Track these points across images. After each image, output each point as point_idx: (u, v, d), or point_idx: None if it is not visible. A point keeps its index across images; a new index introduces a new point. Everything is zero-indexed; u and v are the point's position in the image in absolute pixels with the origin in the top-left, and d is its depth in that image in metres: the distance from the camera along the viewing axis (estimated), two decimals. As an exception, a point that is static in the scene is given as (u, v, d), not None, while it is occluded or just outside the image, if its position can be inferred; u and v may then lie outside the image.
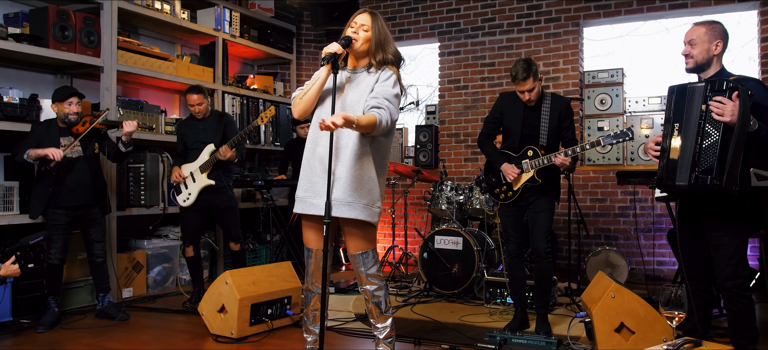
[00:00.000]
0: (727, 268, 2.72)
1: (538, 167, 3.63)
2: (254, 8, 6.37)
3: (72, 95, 4.01)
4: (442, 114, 6.55)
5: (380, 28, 2.72)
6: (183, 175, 4.55)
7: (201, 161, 4.50)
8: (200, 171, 4.49)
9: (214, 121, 4.63)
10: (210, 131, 4.58)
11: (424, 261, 4.88)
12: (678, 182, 2.69)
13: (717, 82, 2.66)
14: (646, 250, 5.59)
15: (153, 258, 5.13)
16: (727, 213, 2.73)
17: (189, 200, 4.52)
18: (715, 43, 2.83)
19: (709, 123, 2.63)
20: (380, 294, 2.72)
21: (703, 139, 2.63)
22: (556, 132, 3.70)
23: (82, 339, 3.71)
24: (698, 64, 2.86)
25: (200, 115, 4.58)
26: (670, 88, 2.83)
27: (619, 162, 5.65)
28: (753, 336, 2.73)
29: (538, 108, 3.71)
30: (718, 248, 2.75)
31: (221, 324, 3.65)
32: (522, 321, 3.82)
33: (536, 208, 3.69)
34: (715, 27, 2.86)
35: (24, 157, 3.84)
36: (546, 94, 3.76)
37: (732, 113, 2.55)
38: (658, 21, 5.83)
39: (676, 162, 2.70)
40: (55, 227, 3.93)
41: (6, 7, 4.56)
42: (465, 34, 6.41)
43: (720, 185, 2.57)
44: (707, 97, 2.65)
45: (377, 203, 2.67)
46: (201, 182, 4.49)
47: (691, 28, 2.91)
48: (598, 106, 5.76)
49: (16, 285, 4.03)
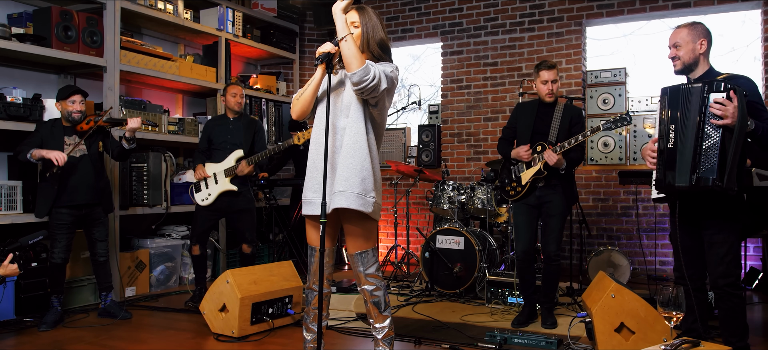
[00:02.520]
0: (719, 266, 2.76)
1: (544, 161, 3.75)
2: (257, 8, 6.39)
3: (76, 93, 4.03)
4: (444, 114, 6.55)
5: (367, 21, 2.69)
6: (206, 174, 4.55)
7: (226, 165, 4.50)
8: (224, 175, 4.49)
9: (244, 124, 4.63)
10: (239, 133, 4.57)
11: (426, 261, 4.89)
12: (678, 184, 2.70)
13: (714, 83, 2.66)
14: (649, 250, 5.57)
15: (156, 257, 5.15)
16: (723, 212, 2.75)
17: (208, 200, 4.52)
18: (700, 43, 2.87)
19: (709, 124, 2.63)
20: (379, 294, 2.71)
21: (703, 140, 2.64)
22: (567, 133, 3.80)
23: (84, 337, 3.73)
24: (686, 64, 2.91)
25: (239, 107, 4.60)
26: (663, 89, 2.84)
27: (622, 162, 5.64)
28: (743, 333, 2.77)
29: (551, 111, 3.86)
30: (711, 246, 2.79)
31: (222, 323, 3.66)
32: (529, 315, 3.93)
33: (550, 210, 3.82)
34: (697, 27, 2.90)
35: (27, 156, 3.85)
36: (560, 100, 3.93)
37: (733, 115, 2.57)
38: (662, 20, 5.81)
39: (674, 163, 2.71)
40: (59, 226, 3.95)
41: (9, 7, 4.59)
42: (468, 34, 6.40)
43: (721, 185, 2.58)
44: (705, 98, 2.65)
45: (371, 193, 2.60)
46: (223, 186, 4.49)
47: (673, 32, 2.96)
48: (600, 105, 5.75)
49: (20, 283, 4.06)
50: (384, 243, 6.46)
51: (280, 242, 5.78)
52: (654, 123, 5.49)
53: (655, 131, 5.37)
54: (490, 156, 6.21)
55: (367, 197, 2.59)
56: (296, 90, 6.91)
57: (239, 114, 4.66)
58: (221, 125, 4.64)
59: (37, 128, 4.03)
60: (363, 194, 2.58)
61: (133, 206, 4.95)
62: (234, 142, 4.55)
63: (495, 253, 4.94)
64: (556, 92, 3.85)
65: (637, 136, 5.57)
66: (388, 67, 2.63)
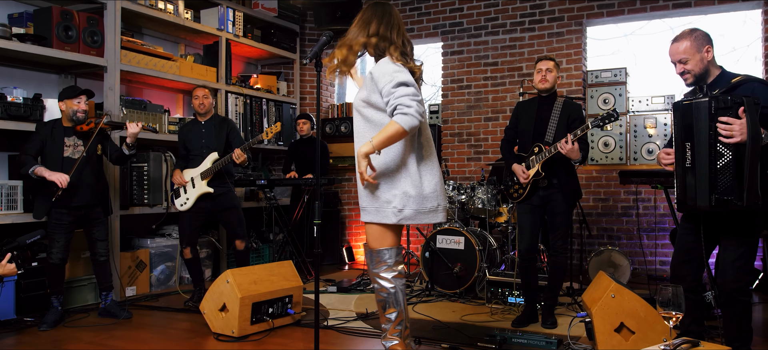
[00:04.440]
0: (730, 269, 2.68)
1: (542, 160, 3.77)
2: (257, 8, 6.39)
3: (82, 94, 4.03)
4: (445, 114, 6.55)
5: (358, 19, 2.76)
6: (184, 180, 4.57)
7: (203, 168, 4.51)
8: (201, 178, 4.51)
9: (216, 125, 4.63)
10: (212, 136, 4.58)
11: (426, 261, 4.89)
12: (699, 204, 2.61)
13: (720, 98, 2.56)
14: (649, 250, 5.57)
15: (156, 257, 5.16)
16: (743, 228, 2.68)
17: (186, 205, 4.55)
18: (705, 50, 2.78)
19: (720, 142, 2.54)
20: (383, 295, 2.75)
21: (717, 159, 2.54)
22: (565, 131, 3.78)
23: (85, 337, 3.73)
24: (697, 76, 2.81)
25: (203, 109, 4.59)
26: (674, 105, 2.75)
27: (622, 162, 5.63)
28: (746, 337, 2.73)
29: (550, 109, 3.85)
30: (725, 249, 2.72)
31: (222, 322, 3.67)
32: (530, 315, 3.93)
33: (554, 209, 3.84)
34: (697, 35, 2.80)
35: (29, 172, 3.85)
36: (560, 96, 3.91)
37: (741, 133, 2.47)
38: (662, 20, 5.81)
39: (694, 182, 2.62)
40: (58, 227, 3.95)
41: (10, 7, 4.59)
42: (468, 34, 6.40)
43: (742, 205, 2.49)
44: (712, 115, 2.55)
45: (383, 199, 2.68)
46: (200, 189, 4.51)
47: (673, 47, 2.84)
48: (601, 105, 5.74)
49: (20, 283, 4.06)
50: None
51: (280, 242, 5.78)
52: (654, 123, 5.49)
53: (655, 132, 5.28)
54: (491, 156, 6.21)
55: (381, 208, 2.75)
56: (296, 90, 6.93)
57: (211, 116, 4.66)
58: (193, 130, 4.64)
59: (37, 129, 4.03)
60: (378, 207, 2.77)
61: (133, 206, 4.96)
62: (208, 145, 4.56)
63: (495, 253, 4.94)
64: (552, 81, 3.83)
65: (637, 136, 5.57)
66: (387, 78, 2.58)
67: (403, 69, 2.62)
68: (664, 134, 5.42)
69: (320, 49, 2.73)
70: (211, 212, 4.61)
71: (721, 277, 2.73)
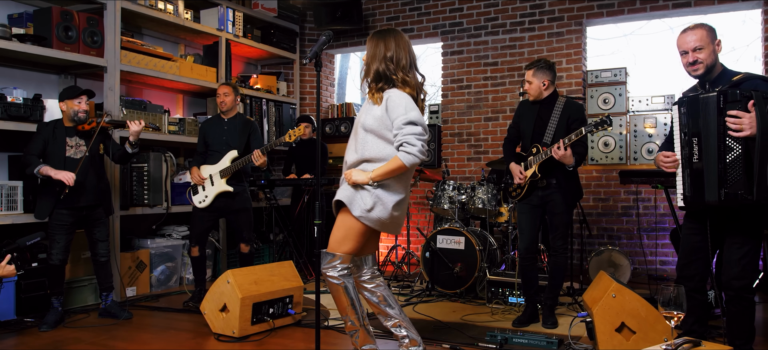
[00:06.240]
0: (735, 266, 2.68)
1: (539, 162, 3.79)
2: (257, 8, 6.39)
3: (83, 94, 4.03)
4: (445, 114, 6.55)
5: (369, 49, 2.86)
6: (203, 177, 4.54)
7: (222, 166, 4.49)
8: (220, 176, 4.48)
9: (238, 125, 4.60)
10: (234, 134, 4.55)
11: (427, 261, 4.89)
12: (708, 199, 2.61)
13: (729, 92, 2.56)
14: (649, 250, 5.57)
15: (156, 257, 5.15)
16: (750, 225, 2.67)
17: (205, 202, 4.52)
18: (717, 43, 2.81)
19: (729, 136, 2.53)
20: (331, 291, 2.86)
21: (727, 153, 2.54)
22: (564, 132, 3.79)
23: (85, 337, 3.73)
24: (708, 67, 2.79)
25: (224, 107, 4.57)
26: (680, 99, 2.74)
27: (622, 162, 5.64)
28: (749, 336, 2.74)
29: (550, 110, 3.86)
30: (731, 246, 2.71)
31: (223, 323, 3.66)
32: (531, 315, 3.94)
33: (554, 208, 3.86)
34: (710, 28, 2.83)
35: (34, 171, 3.84)
36: (560, 97, 3.91)
37: (751, 127, 2.47)
38: (662, 20, 5.81)
39: (702, 178, 2.62)
40: (58, 227, 3.94)
41: (10, 7, 4.59)
42: (468, 34, 6.40)
43: (752, 199, 2.48)
44: (721, 109, 2.55)
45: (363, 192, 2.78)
46: (219, 187, 4.48)
47: (686, 35, 2.82)
48: (601, 105, 5.75)
49: (20, 284, 4.06)
50: (384, 243, 6.46)
51: (280, 242, 5.78)
52: (654, 123, 5.49)
53: (655, 131, 5.27)
54: (491, 156, 6.21)
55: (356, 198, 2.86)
56: (296, 90, 6.93)
57: (235, 115, 4.65)
58: (216, 126, 4.62)
59: (39, 129, 4.02)
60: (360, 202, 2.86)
61: (133, 207, 4.95)
62: (229, 143, 4.53)
63: (495, 253, 4.94)
64: (535, 91, 3.83)
65: (637, 136, 5.57)
66: (409, 128, 2.70)
67: (416, 107, 2.77)
68: (664, 133, 5.42)
69: (320, 49, 2.76)
70: (224, 212, 4.60)
71: (727, 275, 2.72)
